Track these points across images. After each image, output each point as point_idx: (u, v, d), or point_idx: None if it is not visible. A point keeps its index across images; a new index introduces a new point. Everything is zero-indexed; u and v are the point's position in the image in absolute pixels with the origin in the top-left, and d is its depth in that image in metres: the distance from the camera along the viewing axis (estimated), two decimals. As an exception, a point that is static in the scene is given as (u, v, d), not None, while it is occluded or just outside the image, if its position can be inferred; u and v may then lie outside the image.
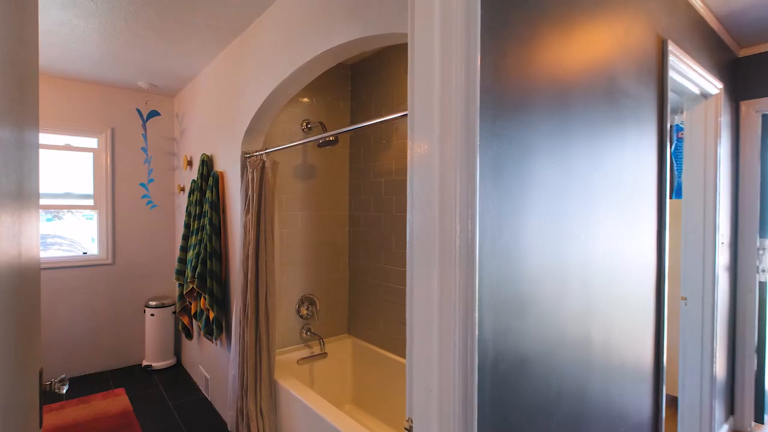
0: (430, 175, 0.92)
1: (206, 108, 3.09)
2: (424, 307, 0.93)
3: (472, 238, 0.90)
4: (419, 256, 0.94)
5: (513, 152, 1.04)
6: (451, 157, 0.90)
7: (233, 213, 2.64)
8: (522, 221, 1.07)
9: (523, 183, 1.07)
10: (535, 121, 1.12)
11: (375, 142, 2.75)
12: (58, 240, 3.78)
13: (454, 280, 0.89)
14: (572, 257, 1.27)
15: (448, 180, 0.91)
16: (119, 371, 3.63)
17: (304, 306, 2.76)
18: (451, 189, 0.90)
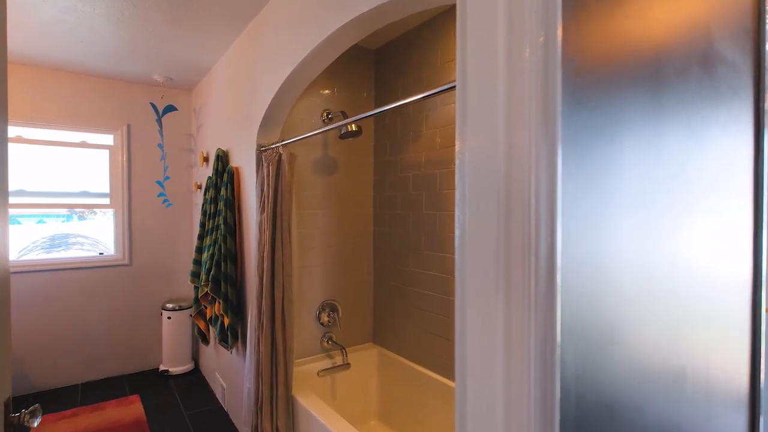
0: (492, 170, 0.67)
1: (222, 100, 2.91)
2: (483, 342, 0.68)
3: (550, 247, 0.63)
4: (475, 273, 0.69)
5: (598, 128, 0.77)
6: (523, 147, 0.64)
7: (249, 211, 2.44)
8: (608, 219, 0.80)
9: (610, 168, 0.80)
10: (623, 91, 0.85)
11: (402, 133, 2.49)
12: (81, 239, 3.69)
13: (527, 305, 0.63)
14: (661, 265, 0.98)
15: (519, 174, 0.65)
16: (136, 376, 3.50)
17: (324, 312, 2.53)
18: (524, 185, 0.64)
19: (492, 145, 0.69)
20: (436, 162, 2.24)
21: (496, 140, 0.69)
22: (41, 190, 3.29)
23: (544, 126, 0.65)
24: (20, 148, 3.19)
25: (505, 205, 0.68)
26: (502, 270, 0.67)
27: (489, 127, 0.70)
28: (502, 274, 0.67)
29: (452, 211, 2.15)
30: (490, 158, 0.69)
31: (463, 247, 0.74)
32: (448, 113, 2.17)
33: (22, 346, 3.13)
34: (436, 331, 2.27)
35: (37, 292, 3.18)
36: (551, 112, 0.65)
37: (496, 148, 0.68)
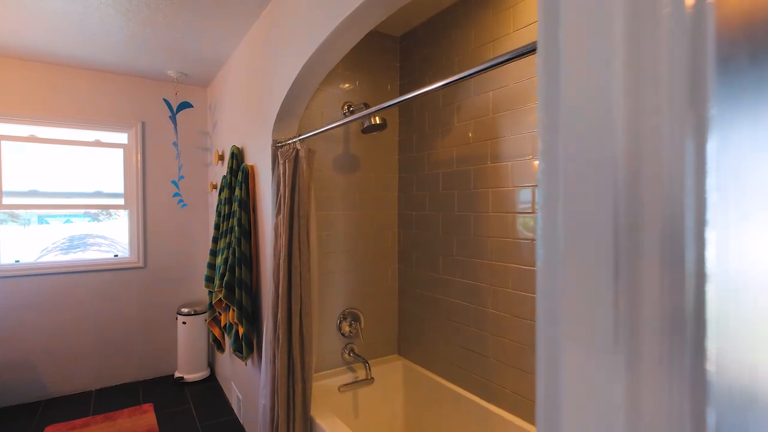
0: (606, 168, 0.44)
1: (237, 94, 2.74)
2: (590, 421, 0.45)
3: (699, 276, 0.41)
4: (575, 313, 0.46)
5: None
6: (659, 137, 0.42)
7: (265, 213, 2.26)
8: None
9: None
10: None
11: (431, 127, 2.27)
12: (100, 240, 3.59)
13: (668, 364, 0.41)
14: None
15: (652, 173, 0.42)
16: (150, 382, 3.38)
17: (346, 322, 2.33)
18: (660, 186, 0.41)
19: (606, 134, 0.46)
20: (469, 158, 2.01)
21: (612, 127, 0.45)
22: (54, 190, 3.19)
23: (690, 108, 0.41)
24: (33, 147, 3.10)
25: (630, 216, 0.45)
26: (625, 309, 0.44)
27: (598, 109, 0.47)
28: (625, 314, 0.44)
29: (488, 212, 1.91)
30: (602, 152, 0.46)
31: (551, 272, 0.51)
32: (483, 103, 1.94)
33: (36, 350, 3.04)
34: (469, 346, 2.04)
35: (52, 295, 3.09)
36: (700, 85, 0.42)
37: (611, 138, 0.45)
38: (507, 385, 1.85)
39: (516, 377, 1.80)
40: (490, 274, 1.90)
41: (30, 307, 3.02)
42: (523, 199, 1.75)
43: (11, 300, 2.96)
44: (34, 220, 3.29)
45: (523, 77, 1.73)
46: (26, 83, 2.97)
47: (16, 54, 2.83)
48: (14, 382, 2.99)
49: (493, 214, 1.89)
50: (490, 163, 1.90)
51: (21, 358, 3.00)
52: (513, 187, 1.79)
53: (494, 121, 1.88)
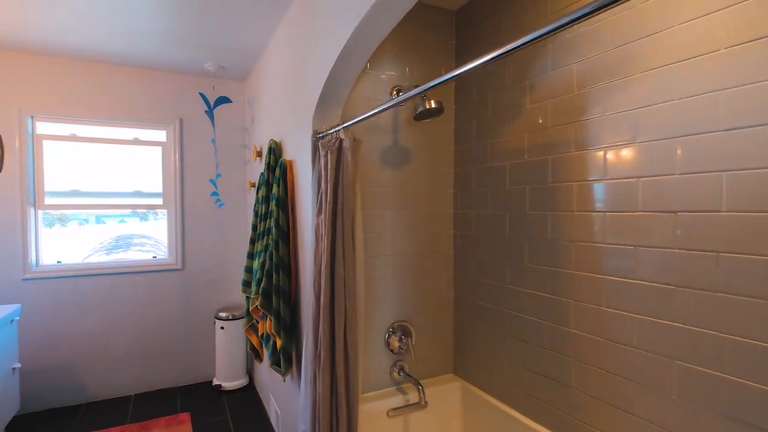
0: None
1: (274, 84, 2.53)
2: None
3: None
4: None
5: None
6: None
7: (304, 212, 2.02)
8: None
9: None
10: None
11: (495, 111, 1.94)
12: (144, 240, 3.52)
13: None
14: None
15: None
16: (188, 389, 3.25)
17: (395, 336, 2.05)
18: None
19: None
20: (545, 145, 1.67)
21: None
22: (95, 190, 3.12)
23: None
24: (74, 147, 3.04)
25: None
26: None
27: None
28: None
29: (572, 210, 1.57)
30: None
31: None
32: (566, 78, 1.59)
33: (77, 353, 2.98)
34: (544, 371, 1.70)
35: (92, 297, 3.02)
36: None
37: None
38: (595, 424, 1.50)
39: (610, 416, 1.45)
40: (573, 286, 1.56)
41: (71, 309, 2.96)
42: (620, 193, 1.39)
43: (54, 301, 2.91)
44: (92, 220, 3.26)
45: (627, 38, 1.37)
46: (66, 81, 2.91)
47: (56, 52, 2.76)
48: (56, 385, 2.93)
49: (578, 214, 1.54)
50: (574, 150, 1.55)
51: (63, 361, 2.94)
52: (607, 179, 1.44)
53: (580, 99, 1.54)
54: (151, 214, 3.36)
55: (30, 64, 2.81)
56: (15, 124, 2.79)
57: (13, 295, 2.80)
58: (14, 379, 2.51)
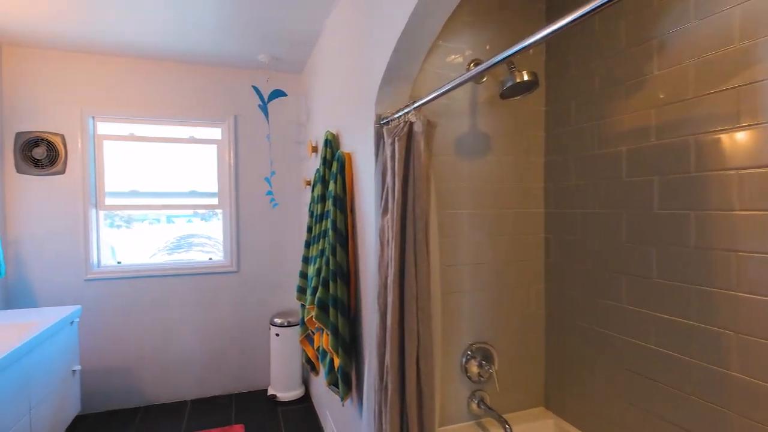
0: None
1: (330, 71, 2.28)
2: None
3: None
4: None
5: None
6: None
7: (365, 213, 1.74)
8: None
9: None
10: None
11: (603, 84, 1.53)
12: (205, 241, 3.45)
13: None
14: None
15: None
16: (244, 397, 3.11)
17: (474, 361, 1.70)
18: None
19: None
20: (685, 122, 1.25)
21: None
22: (152, 190, 3.06)
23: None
24: (132, 146, 2.99)
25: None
26: None
27: None
28: None
29: (732, 210, 1.14)
30: None
31: None
32: (718, 29, 1.17)
33: (136, 356, 2.93)
34: (680, 421, 1.28)
35: (149, 299, 2.95)
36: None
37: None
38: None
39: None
40: (736, 313, 1.13)
41: (129, 311, 2.91)
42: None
43: (113, 302, 2.88)
44: (163, 220, 3.25)
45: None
46: (124, 80, 2.86)
47: (113, 51, 2.71)
48: (115, 387, 2.90)
49: (743, 214, 1.11)
50: (736, 125, 1.13)
51: (121, 363, 2.90)
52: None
53: (745, 55, 1.11)
54: (213, 215, 3.26)
55: (88, 64, 2.78)
56: (77, 125, 2.77)
57: (76, 296, 2.79)
58: (75, 380, 2.46)
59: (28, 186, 2.70)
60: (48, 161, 2.72)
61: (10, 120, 2.66)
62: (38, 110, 2.70)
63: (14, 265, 2.69)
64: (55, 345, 2.24)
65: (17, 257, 2.69)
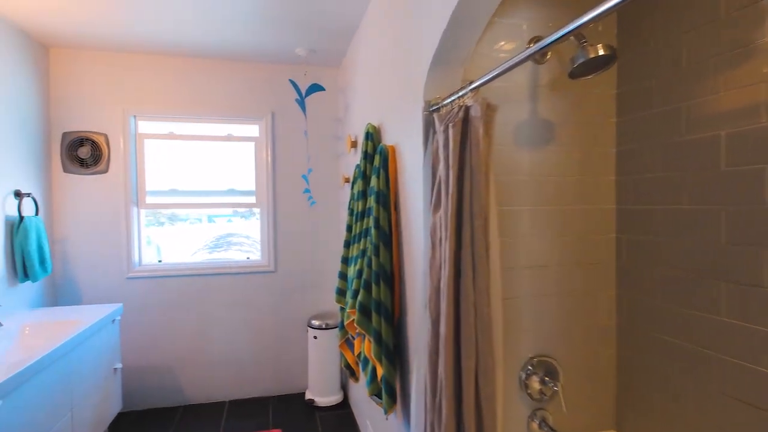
0: None
1: (372, 60, 2.15)
2: None
3: None
4: None
5: None
6: None
7: (412, 209, 1.59)
8: None
9: None
10: None
11: (694, 59, 1.31)
12: (243, 240, 3.42)
13: None
14: None
15: None
16: (281, 399, 3.03)
17: (535, 377, 1.52)
18: None
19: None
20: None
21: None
22: (191, 189, 3.05)
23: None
24: (170, 145, 2.98)
25: None
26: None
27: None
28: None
29: None
30: None
31: None
32: None
33: (176, 354, 2.91)
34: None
35: (189, 297, 2.93)
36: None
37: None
38: None
39: None
40: None
41: (169, 309, 2.90)
42: None
43: (153, 301, 2.87)
44: (205, 219, 3.25)
45: None
46: (163, 79, 2.85)
47: (152, 49, 2.70)
48: (155, 385, 2.89)
49: None
50: None
51: (161, 362, 2.89)
52: None
53: None
54: (251, 213, 3.22)
55: (130, 63, 2.79)
56: (119, 124, 2.78)
57: (118, 294, 2.80)
58: (116, 379, 2.46)
59: (73, 185, 2.74)
60: (92, 160, 2.75)
61: (57, 121, 2.70)
62: (83, 110, 2.73)
63: (61, 262, 2.73)
64: (97, 343, 2.23)
65: (64, 255, 2.73)
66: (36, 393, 1.66)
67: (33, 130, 2.51)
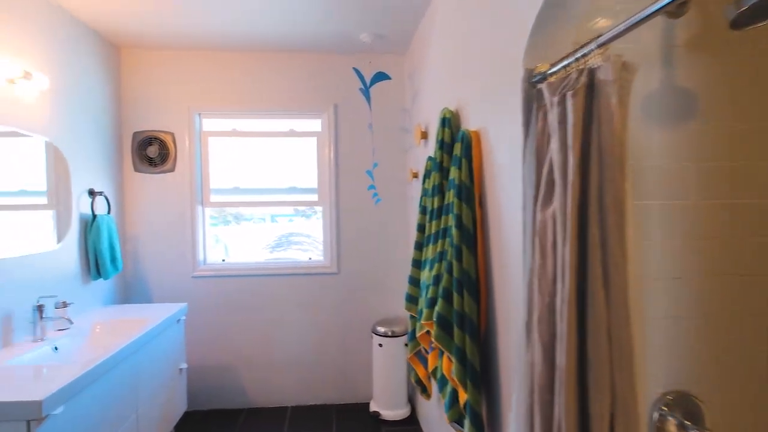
0: None
1: (447, 38, 1.91)
2: None
3: None
4: None
5: None
6: None
7: (503, 204, 1.32)
8: None
9: None
10: None
11: None
12: (303, 239, 3.32)
13: None
14: None
15: None
16: (345, 409, 2.87)
17: (672, 419, 1.18)
18: None
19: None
20: None
21: None
22: (253, 187, 2.97)
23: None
24: (232, 142, 2.92)
25: None
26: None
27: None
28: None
29: None
30: None
31: None
32: None
33: (240, 356, 2.85)
34: None
35: (252, 298, 2.86)
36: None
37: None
38: None
39: None
40: None
41: (231, 309, 2.84)
42: None
43: (217, 300, 2.83)
44: (268, 219, 3.21)
45: None
46: (225, 75, 2.79)
47: (216, 45, 2.64)
48: (219, 386, 2.85)
49: None
50: None
51: (224, 363, 2.84)
52: None
53: None
54: (313, 212, 3.10)
55: (194, 60, 2.76)
56: (185, 122, 2.76)
57: (184, 292, 2.78)
58: (181, 379, 2.42)
59: (143, 184, 2.75)
60: (160, 159, 2.75)
61: (128, 121, 2.73)
62: (151, 109, 2.74)
63: (132, 260, 2.75)
64: (162, 343, 2.19)
65: (135, 253, 2.75)
66: (102, 394, 1.63)
67: (106, 130, 2.54)
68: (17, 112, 1.85)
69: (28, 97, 1.91)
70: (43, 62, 2.00)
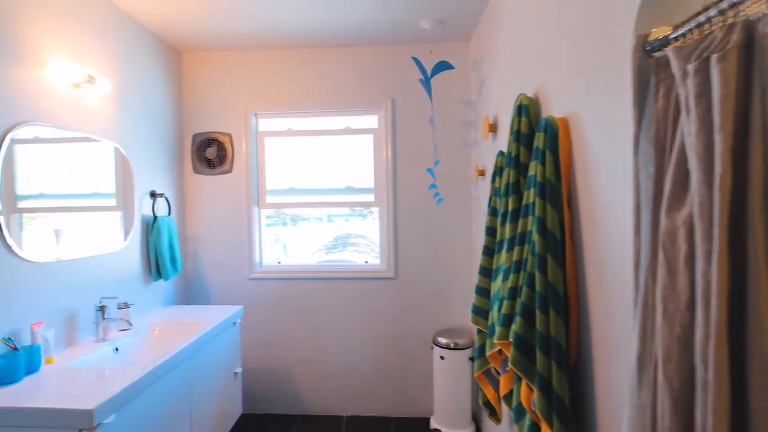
0: None
1: (524, 13, 1.67)
2: None
3: None
4: None
5: None
6: None
7: (601, 206, 1.08)
8: None
9: None
10: None
11: None
12: (359, 240, 3.21)
13: None
14: None
15: None
16: (403, 422, 2.70)
17: None
18: None
19: None
20: None
21: None
22: (308, 187, 2.89)
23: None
24: (287, 142, 2.85)
25: None
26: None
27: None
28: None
29: None
30: None
31: None
32: None
33: (295, 360, 2.78)
34: None
35: (307, 301, 2.77)
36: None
37: None
38: None
39: None
40: None
41: (288, 313, 2.77)
42: None
43: (272, 303, 2.78)
44: (325, 219, 3.14)
45: None
46: (279, 73, 2.72)
47: (271, 43, 2.57)
48: (273, 390, 2.79)
49: None
50: None
51: (279, 367, 2.78)
52: None
53: None
54: (369, 212, 2.96)
55: (250, 60, 2.72)
56: (241, 123, 2.74)
57: (241, 294, 2.75)
58: (236, 383, 2.38)
59: (202, 185, 2.76)
60: (218, 160, 2.74)
61: (188, 122, 2.75)
62: (210, 111, 2.74)
63: (192, 261, 2.77)
64: (218, 347, 2.15)
65: (194, 254, 2.77)
66: (157, 399, 1.60)
67: (166, 132, 2.56)
68: (83, 116, 1.87)
69: (93, 102, 1.93)
70: (106, 66, 2.02)
